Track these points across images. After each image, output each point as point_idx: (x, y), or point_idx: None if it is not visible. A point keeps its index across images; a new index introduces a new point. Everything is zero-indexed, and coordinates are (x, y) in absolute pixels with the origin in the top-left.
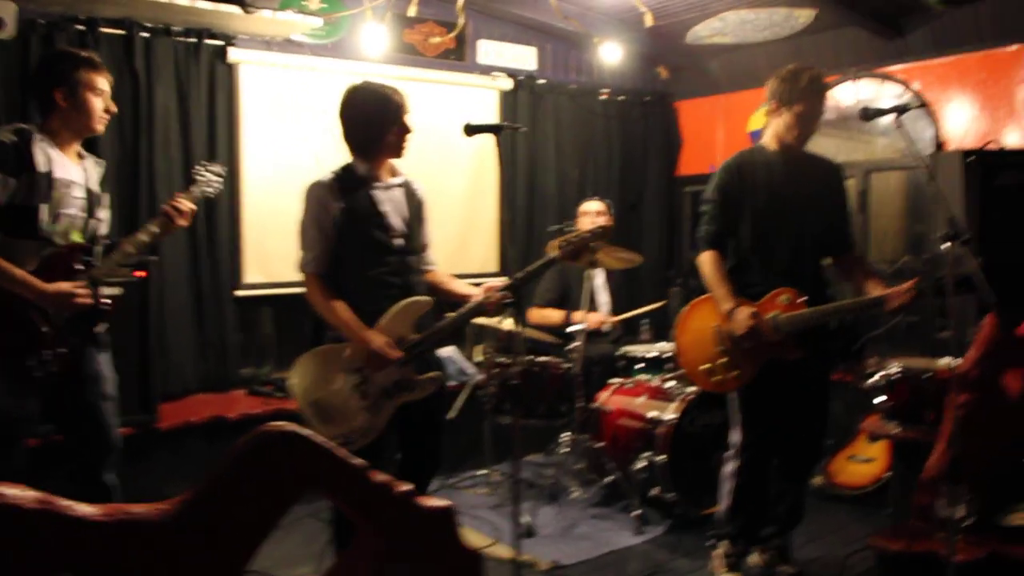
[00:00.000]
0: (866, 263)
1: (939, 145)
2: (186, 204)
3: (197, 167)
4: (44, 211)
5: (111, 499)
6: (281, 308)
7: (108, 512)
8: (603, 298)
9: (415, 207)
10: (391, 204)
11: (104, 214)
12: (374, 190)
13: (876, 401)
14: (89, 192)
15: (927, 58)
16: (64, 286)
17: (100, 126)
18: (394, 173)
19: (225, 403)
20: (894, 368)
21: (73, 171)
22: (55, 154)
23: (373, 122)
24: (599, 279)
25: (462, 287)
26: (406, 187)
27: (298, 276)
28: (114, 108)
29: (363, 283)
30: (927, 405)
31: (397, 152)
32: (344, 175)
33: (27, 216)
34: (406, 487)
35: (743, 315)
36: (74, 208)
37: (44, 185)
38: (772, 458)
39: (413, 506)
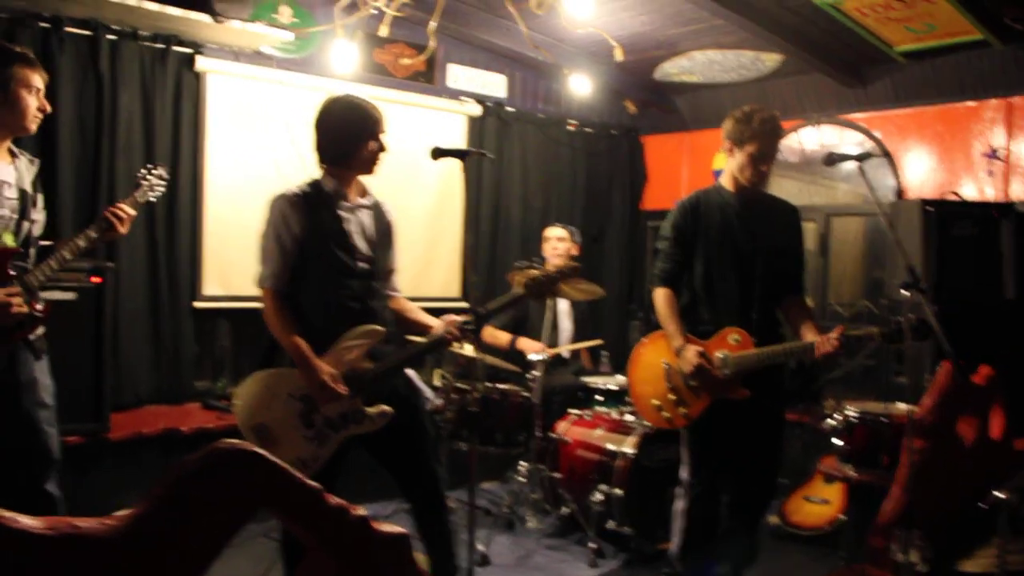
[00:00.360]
0: (807, 310)
1: (899, 193)
2: (127, 210)
3: (142, 171)
4: None
5: (55, 510)
6: (239, 322)
7: (53, 525)
8: (565, 325)
9: (383, 230)
10: (357, 225)
11: (38, 215)
12: (341, 209)
13: (834, 443)
14: (22, 192)
15: (888, 108)
16: None
17: (33, 125)
18: (363, 193)
19: (179, 415)
20: (851, 411)
21: (4, 171)
22: None
23: (349, 135)
24: (563, 306)
25: (424, 317)
26: (375, 209)
27: (258, 290)
28: (48, 107)
29: (322, 305)
30: (883, 449)
31: (369, 168)
32: (311, 190)
33: None
34: (361, 512)
35: (691, 353)
36: (5, 209)
37: None
38: (721, 496)
39: (368, 531)
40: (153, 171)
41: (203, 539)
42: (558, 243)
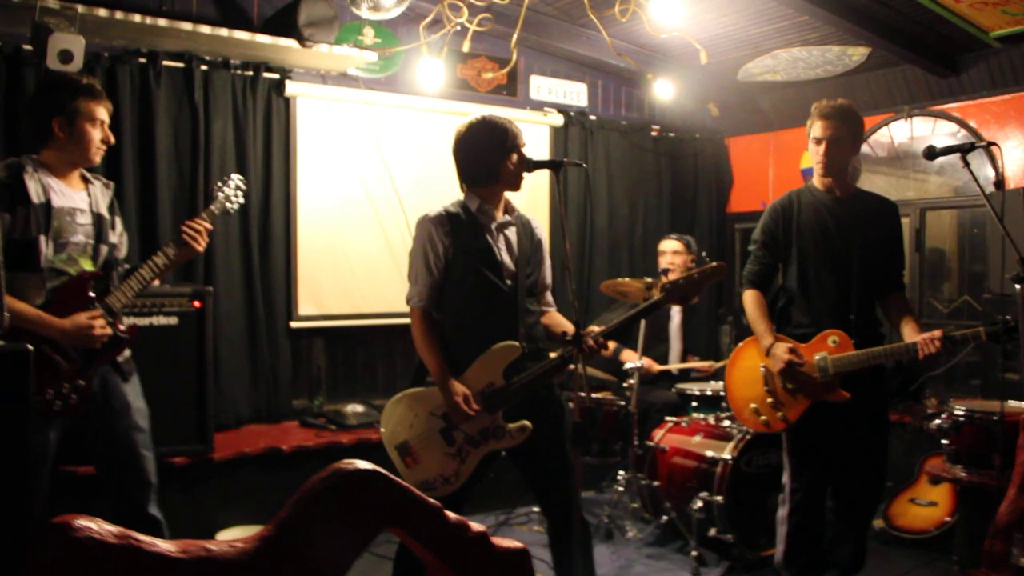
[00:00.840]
0: (908, 307)
1: (997, 184)
2: (203, 225)
3: (218, 183)
4: (43, 242)
5: (160, 532)
6: (333, 340)
7: (186, 549)
8: (675, 343)
9: (532, 247)
10: (503, 243)
11: (117, 239)
12: (487, 228)
13: (941, 443)
14: (97, 217)
15: (983, 96)
16: (81, 319)
17: (96, 157)
18: (509, 210)
19: (278, 434)
20: (959, 410)
21: (76, 198)
22: (53, 183)
23: (492, 153)
24: (676, 320)
25: (570, 328)
26: (523, 226)
27: (350, 308)
28: (112, 139)
29: (469, 324)
30: (995, 449)
31: (516, 184)
32: (456, 210)
33: (26, 249)
34: (480, 528)
35: (781, 351)
36: (80, 235)
37: (41, 216)
38: (824, 501)
39: (488, 547)
40: (230, 181)
41: (329, 558)
42: (674, 256)
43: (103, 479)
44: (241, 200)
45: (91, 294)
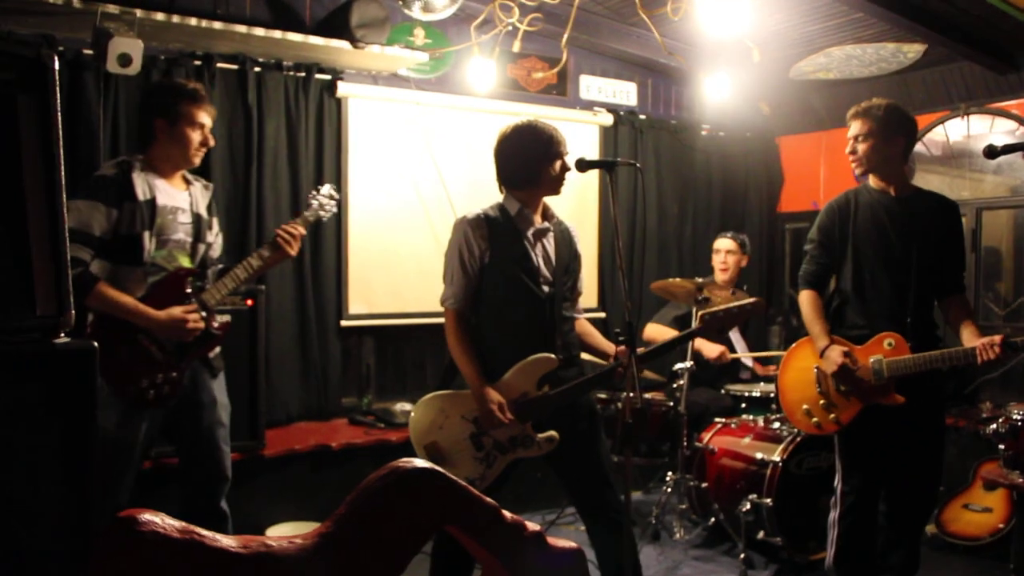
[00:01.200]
0: (968, 309)
1: None
2: (297, 229)
3: (312, 192)
4: (147, 238)
5: (226, 526)
6: (383, 339)
7: (247, 544)
8: (739, 346)
9: (570, 253)
10: (541, 249)
11: (214, 238)
12: (525, 233)
13: (1000, 448)
14: (196, 216)
15: None
16: (176, 312)
17: (196, 159)
18: (548, 216)
19: (327, 432)
20: (1016, 413)
21: (178, 197)
22: (158, 182)
23: (536, 157)
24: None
25: (602, 342)
26: (560, 232)
27: (400, 307)
28: (212, 142)
29: (504, 328)
30: None
31: (556, 189)
32: (495, 214)
33: (131, 244)
34: (536, 528)
35: (835, 353)
36: (180, 233)
37: (146, 213)
38: (876, 505)
39: (544, 546)
40: (323, 191)
41: (387, 556)
42: (727, 256)
43: (183, 470)
44: (334, 209)
45: (188, 290)
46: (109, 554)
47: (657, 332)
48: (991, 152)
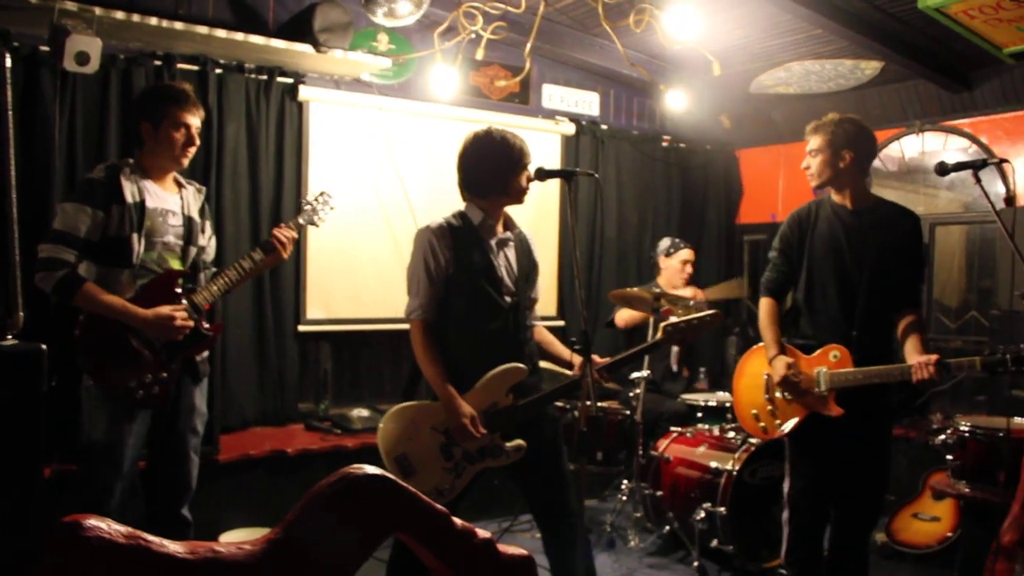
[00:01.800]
0: (917, 325)
1: (1008, 200)
2: (290, 233)
3: (307, 197)
4: (135, 240)
5: (188, 533)
6: (340, 344)
7: (194, 550)
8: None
9: (529, 263)
10: (503, 259)
11: (205, 241)
12: (488, 242)
13: (946, 458)
14: (188, 220)
15: (996, 112)
16: (163, 310)
17: (184, 160)
18: (509, 225)
19: (283, 437)
20: (964, 425)
21: (169, 200)
22: (148, 184)
23: (502, 167)
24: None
25: (561, 349)
26: (520, 241)
27: (358, 313)
28: (196, 142)
29: (470, 338)
30: (1000, 465)
31: (520, 199)
32: (457, 223)
33: (120, 246)
34: (485, 535)
35: (780, 364)
36: (170, 236)
37: (135, 215)
38: (824, 507)
39: (494, 554)
40: (318, 196)
41: (336, 562)
42: (691, 266)
43: (148, 474)
44: (326, 216)
45: (178, 290)
46: (54, 559)
47: (629, 315)
48: (942, 169)
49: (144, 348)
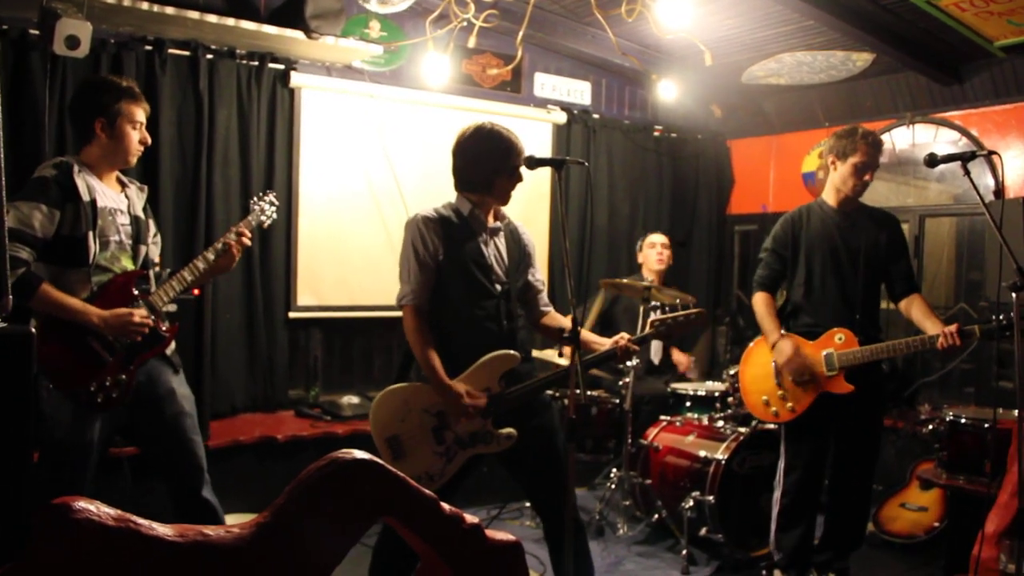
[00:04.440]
0: (926, 303)
1: (997, 192)
2: (246, 237)
3: (254, 198)
4: (91, 239)
5: (215, 516)
6: (330, 331)
7: (183, 533)
8: (655, 346)
9: (521, 252)
10: (493, 248)
11: (152, 239)
12: (477, 233)
13: (935, 448)
14: (135, 218)
15: (986, 105)
16: (122, 310)
17: (133, 159)
18: (500, 217)
19: (273, 423)
20: (952, 416)
21: (116, 199)
22: (95, 183)
23: (491, 166)
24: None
25: (588, 336)
26: (511, 233)
27: (349, 300)
28: (149, 140)
29: (462, 326)
30: (986, 455)
31: (504, 199)
32: (447, 213)
33: (75, 245)
34: (474, 520)
35: (786, 345)
36: (120, 235)
37: (89, 213)
38: (816, 494)
39: (482, 539)
40: (264, 197)
41: (325, 547)
42: (663, 249)
43: (156, 465)
44: (275, 216)
45: (135, 291)
46: (43, 540)
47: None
48: (932, 161)
49: (103, 350)
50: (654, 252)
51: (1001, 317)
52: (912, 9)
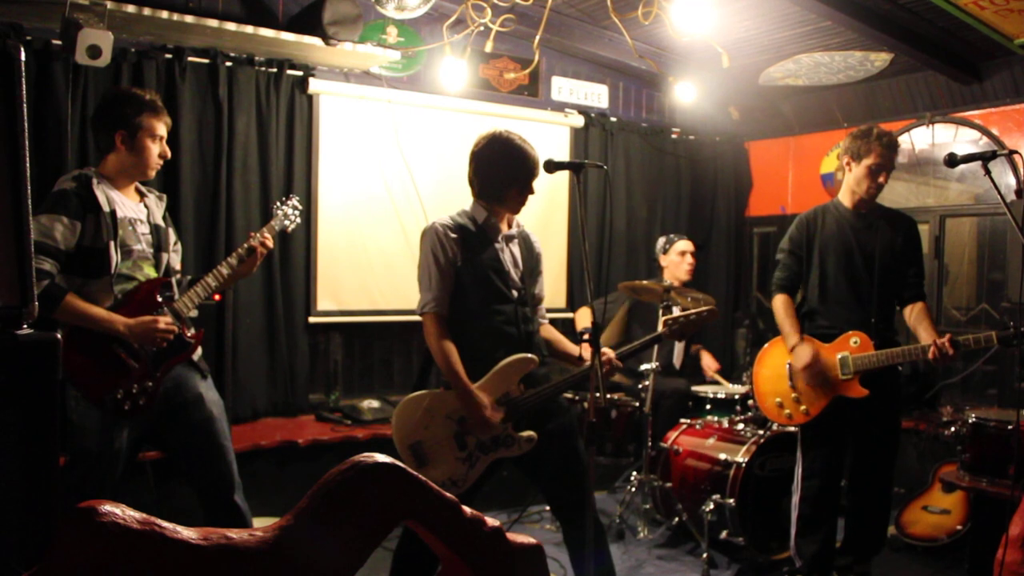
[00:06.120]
0: (927, 313)
1: (1019, 192)
2: (270, 241)
3: (276, 203)
4: (113, 249)
5: (243, 521)
6: (350, 336)
7: (207, 536)
8: (677, 348)
9: (533, 260)
10: (508, 255)
11: (174, 247)
12: (493, 240)
13: (958, 450)
14: (155, 227)
15: (1007, 103)
16: (147, 318)
17: (152, 172)
18: (513, 223)
19: (294, 428)
20: (974, 418)
21: (136, 209)
22: (115, 194)
23: (506, 177)
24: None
25: (570, 345)
26: (523, 239)
27: (368, 304)
28: (168, 154)
29: (481, 331)
30: (1009, 458)
31: (515, 209)
32: (463, 220)
33: (97, 256)
34: (495, 523)
35: (804, 350)
36: (141, 244)
37: (110, 224)
38: (835, 493)
39: (503, 542)
40: (287, 202)
41: (347, 550)
42: (691, 257)
43: (186, 471)
44: (298, 220)
45: (159, 299)
46: (68, 543)
47: (584, 316)
48: (951, 161)
49: (129, 357)
50: (684, 261)
51: (1011, 324)
52: (930, 8)
